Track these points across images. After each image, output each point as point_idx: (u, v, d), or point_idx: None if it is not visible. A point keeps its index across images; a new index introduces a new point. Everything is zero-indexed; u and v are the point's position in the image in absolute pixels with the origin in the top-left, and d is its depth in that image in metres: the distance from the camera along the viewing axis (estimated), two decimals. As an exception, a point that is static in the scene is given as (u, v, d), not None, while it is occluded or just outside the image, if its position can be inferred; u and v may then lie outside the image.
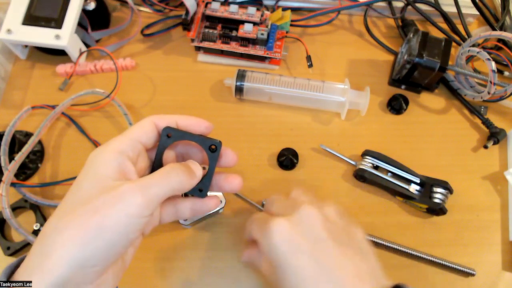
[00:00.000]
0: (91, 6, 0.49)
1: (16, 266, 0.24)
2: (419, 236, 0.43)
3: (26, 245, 0.40)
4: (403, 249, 0.41)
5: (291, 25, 0.51)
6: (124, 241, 0.24)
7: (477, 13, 0.52)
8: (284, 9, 0.51)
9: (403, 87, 0.50)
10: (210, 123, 0.31)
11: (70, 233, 0.23)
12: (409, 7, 0.52)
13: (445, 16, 0.52)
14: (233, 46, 0.49)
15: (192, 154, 0.33)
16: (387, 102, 0.49)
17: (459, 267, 0.40)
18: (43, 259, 0.23)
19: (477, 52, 0.44)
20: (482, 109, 0.49)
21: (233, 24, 0.49)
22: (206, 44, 0.49)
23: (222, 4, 0.50)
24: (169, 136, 0.30)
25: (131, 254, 0.29)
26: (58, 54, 0.48)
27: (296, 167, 0.45)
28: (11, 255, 0.39)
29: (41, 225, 0.40)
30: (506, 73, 0.51)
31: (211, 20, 0.50)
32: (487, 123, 0.48)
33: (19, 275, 0.23)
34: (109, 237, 0.23)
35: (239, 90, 0.47)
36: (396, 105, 0.48)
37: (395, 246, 0.41)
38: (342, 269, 0.28)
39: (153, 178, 0.26)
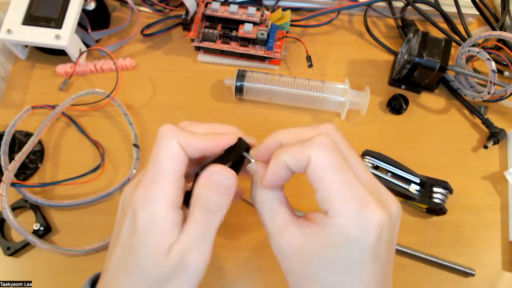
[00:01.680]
0: (91, 6, 0.49)
1: None
2: (419, 236, 0.43)
3: (26, 245, 0.40)
4: (403, 249, 0.41)
5: (291, 25, 0.51)
6: None
7: (477, 13, 0.52)
8: (284, 9, 0.51)
9: (403, 87, 0.50)
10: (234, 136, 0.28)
11: None
12: (409, 7, 0.52)
13: (445, 16, 0.52)
14: (233, 46, 0.49)
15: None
16: (387, 102, 0.49)
17: (459, 267, 0.40)
18: None
19: (477, 52, 0.44)
20: (482, 109, 0.49)
21: (233, 24, 0.49)
22: (206, 44, 0.49)
23: (222, 4, 0.50)
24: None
25: None
26: (58, 54, 0.48)
27: (296, 167, 0.45)
28: (11, 255, 0.39)
29: (41, 225, 0.40)
30: (506, 73, 0.51)
31: (211, 20, 0.50)
32: (487, 123, 0.48)
33: None
34: None
35: (239, 90, 0.47)
36: (396, 105, 0.48)
37: (395, 246, 0.41)
38: None
39: (208, 233, 0.25)
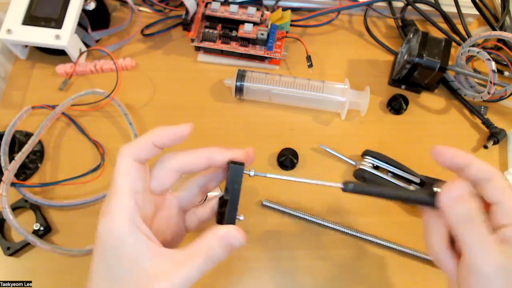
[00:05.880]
0: (91, 6, 0.49)
1: None
2: (419, 236, 0.42)
3: (26, 245, 0.40)
4: (403, 249, 0.41)
5: (291, 25, 0.51)
6: None
7: (477, 13, 0.52)
8: (284, 9, 0.51)
9: (403, 87, 0.50)
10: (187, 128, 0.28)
11: None
12: (409, 7, 0.52)
13: (445, 16, 0.52)
14: (233, 46, 0.49)
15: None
16: (387, 102, 0.49)
17: (459, 267, 0.40)
18: None
19: (477, 52, 0.44)
20: (482, 109, 0.49)
21: (233, 24, 0.49)
22: (206, 44, 0.49)
23: (222, 4, 0.50)
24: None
25: None
26: (58, 54, 0.48)
27: (296, 167, 0.45)
28: (11, 255, 0.39)
29: (41, 225, 0.40)
30: (506, 73, 0.51)
31: (211, 20, 0.50)
32: (487, 123, 0.48)
33: None
34: None
35: (239, 90, 0.47)
36: (396, 105, 0.48)
37: (395, 246, 0.41)
38: None
39: (196, 276, 0.25)
